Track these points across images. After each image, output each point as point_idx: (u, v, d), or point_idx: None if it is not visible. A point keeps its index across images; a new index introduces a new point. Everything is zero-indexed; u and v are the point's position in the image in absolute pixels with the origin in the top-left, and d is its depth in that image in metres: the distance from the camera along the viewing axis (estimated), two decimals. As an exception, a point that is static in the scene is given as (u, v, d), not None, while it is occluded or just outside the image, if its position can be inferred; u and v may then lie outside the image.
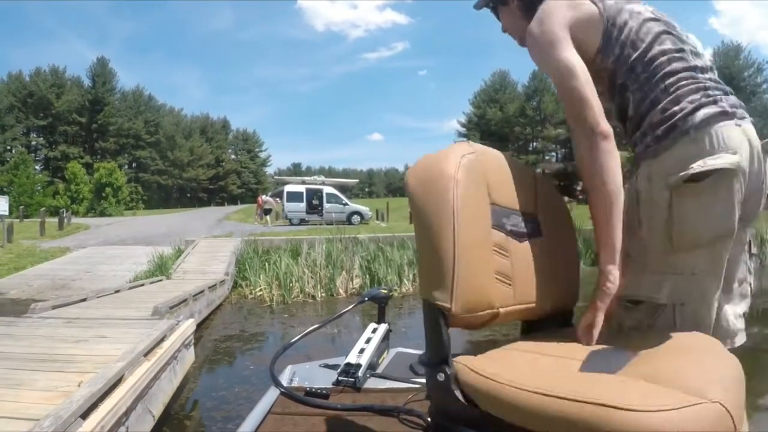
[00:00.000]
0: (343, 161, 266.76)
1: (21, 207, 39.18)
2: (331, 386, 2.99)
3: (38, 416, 2.94)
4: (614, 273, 1.51)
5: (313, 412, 2.71)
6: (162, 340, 5.03)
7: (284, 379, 3.25)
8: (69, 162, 66.52)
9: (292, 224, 32.13)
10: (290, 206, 34.23)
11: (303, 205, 34.23)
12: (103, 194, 55.07)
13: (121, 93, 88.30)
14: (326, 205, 33.92)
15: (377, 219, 35.58)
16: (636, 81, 1.69)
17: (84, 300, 8.24)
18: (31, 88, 78.14)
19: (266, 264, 13.54)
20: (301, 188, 35.31)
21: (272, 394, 2.92)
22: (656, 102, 1.64)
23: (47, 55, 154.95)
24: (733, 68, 71.04)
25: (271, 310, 11.54)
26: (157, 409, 4.44)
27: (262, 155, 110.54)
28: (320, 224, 26.05)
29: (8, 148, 75.55)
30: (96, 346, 4.85)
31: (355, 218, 33.36)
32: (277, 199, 37.94)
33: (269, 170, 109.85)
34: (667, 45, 1.68)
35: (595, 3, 1.72)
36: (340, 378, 2.77)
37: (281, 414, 2.73)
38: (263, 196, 38.45)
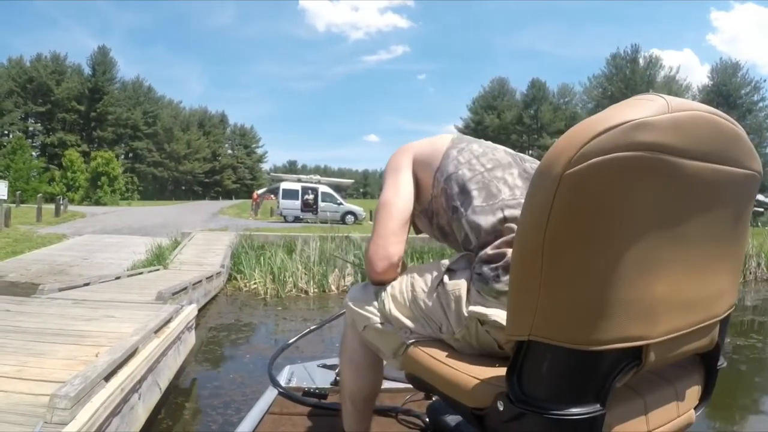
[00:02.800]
0: (339, 161, 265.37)
1: (18, 192, 39.23)
2: (329, 386, 3.11)
3: (64, 379, 3.23)
4: None
5: (311, 412, 2.81)
6: (168, 321, 5.37)
7: (282, 380, 3.42)
8: (66, 149, 66.38)
9: (286, 221, 32.21)
10: (285, 203, 34.31)
11: (298, 203, 34.29)
12: (99, 183, 54.89)
13: (121, 83, 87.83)
14: (321, 204, 34.02)
15: (371, 219, 35.59)
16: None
17: (87, 284, 8.54)
18: (32, 74, 77.68)
19: (261, 258, 13.82)
20: (297, 186, 35.36)
21: (270, 394, 3.04)
22: None
23: (49, 43, 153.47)
24: (730, 86, 71.44)
25: (264, 303, 11.86)
26: (164, 383, 4.79)
27: (259, 151, 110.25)
28: (314, 222, 26.22)
29: (6, 132, 75.17)
30: (107, 324, 5.18)
31: (349, 218, 33.40)
32: (272, 195, 38.08)
33: (265, 167, 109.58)
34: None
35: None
36: (338, 378, 2.73)
37: (279, 414, 2.82)
38: (258, 191, 38.67)
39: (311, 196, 34.89)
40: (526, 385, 1.10)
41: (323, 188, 35.79)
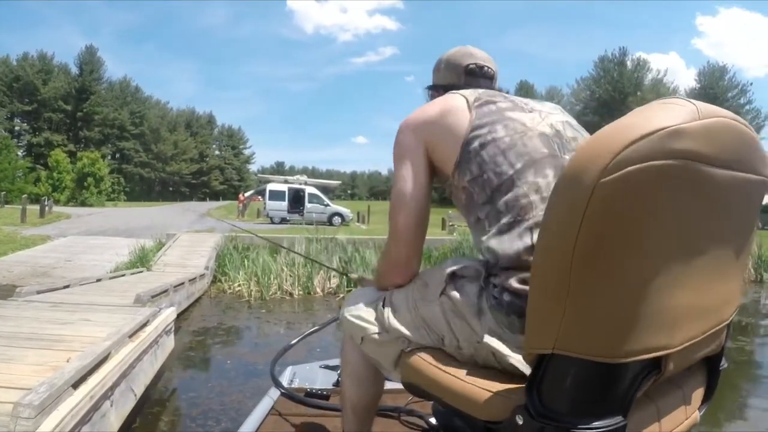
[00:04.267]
0: (326, 162, 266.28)
1: (2, 193, 38.91)
2: (331, 387, 3.13)
3: (31, 386, 3.13)
4: None
5: (313, 413, 2.82)
6: (145, 324, 5.26)
7: (285, 380, 3.36)
8: (52, 149, 66.03)
9: (273, 223, 32.21)
10: (272, 205, 34.33)
11: (285, 204, 34.25)
12: (85, 184, 54.60)
13: (108, 83, 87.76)
14: (308, 205, 33.96)
15: (358, 221, 35.68)
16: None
17: (67, 287, 8.39)
18: (18, 73, 77.40)
19: (245, 260, 13.69)
20: (284, 187, 35.32)
21: (273, 394, 3.04)
22: None
23: (38, 41, 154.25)
24: (717, 89, 71.60)
25: (248, 306, 11.69)
26: (139, 389, 4.67)
27: (247, 152, 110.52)
28: (301, 224, 26.19)
29: (-9, 132, 74.85)
30: (82, 328, 5.05)
31: (336, 219, 33.44)
32: (259, 197, 38.00)
33: (253, 168, 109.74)
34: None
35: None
36: (340, 380, 2.63)
37: (282, 415, 2.82)
38: (244, 194, 38.56)
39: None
40: (546, 399, 1.08)
41: (310, 189, 35.76)
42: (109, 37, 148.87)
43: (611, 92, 72.57)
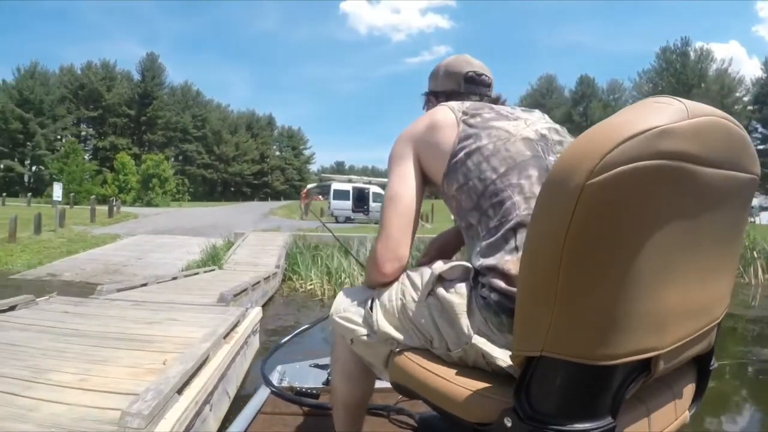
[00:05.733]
0: (386, 161, 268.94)
1: (71, 194, 39.91)
2: (321, 386, 3.11)
3: (132, 390, 2.98)
4: None
5: (303, 412, 2.82)
6: (236, 324, 5.08)
7: (275, 379, 3.36)
8: (117, 152, 67.76)
9: (337, 221, 32.45)
10: (336, 204, 34.57)
11: (349, 203, 34.50)
12: (150, 185, 55.94)
13: (170, 88, 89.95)
14: (372, 204, 34.02)
15: (422, 220, 35.50)
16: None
17: (145, 285, 8.38)
18: (83, 81, 79.92)
19: (317, 259, 13.56)
20: (348, 186, 35.57)
21: (263, 393, 3.02)
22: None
23: (98, 52, 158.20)
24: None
25: (322, 304, 11.49)
26: (232, 391, 4.49)
27: (307, 152, 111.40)
28: (367, 223, 26.09)
29: (59, 137, 77.27)
30: (170, 327, 4.90)
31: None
32: (320, 196, 38.22)
33: (313, 168, 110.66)
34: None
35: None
36: (330, 378, 2.67)
37: (271, 413, 2.81)
38: (308, 186, 38.86)
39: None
40: (535, 401, 1.06)
41: (374, 188, 35.78)
42: (167, 46, 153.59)
43: (675, 85, 70.86)
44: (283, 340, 3.28)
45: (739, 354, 7.80)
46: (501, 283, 1.31)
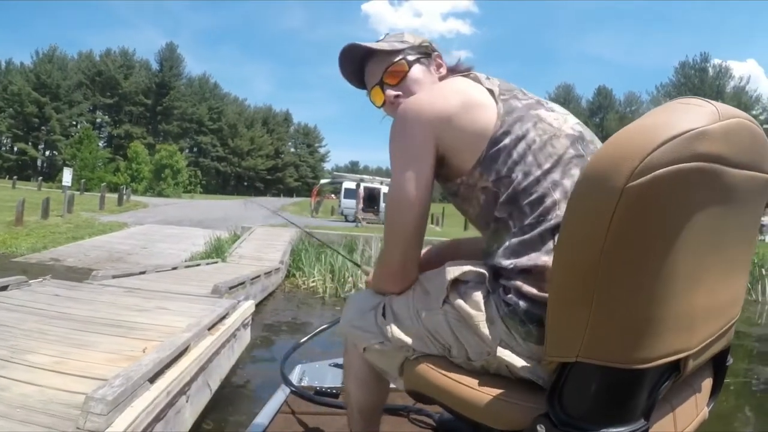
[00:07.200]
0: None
1: (82, 180, 40.08)
2: (340, 385, 3.06)
3: (104, 376, 2.90)
4: None
5: (322, 411, 2.81)
6: (225, 316, 4.99)
7: (294, 378, 3.39)
8: (131, 141, 68.18)
9: (347, 220, 32.43)
10: (346, 203, 34.56)
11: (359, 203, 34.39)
12: (163, 175, 56.20)
13: (188, 79, 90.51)
14: (382, 204, 33.86)
15: (432, 223, 35.41)
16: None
17: (143, 273, 8.30)
18: (101, 68, 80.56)
19: (322, 256, 13.51)
20: (359, 185, 35.46)
21: (282, 393, 3.04)
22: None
23: (119, 40, 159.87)
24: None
25: (323, 302, 11.49)
26: (215, 384, 4.40)
27: (321, 150, 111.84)
28: (375, 223, 26.02)
29: (74, 123, 78.01)
30: (158, 316, 4.83)
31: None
32: (332, 195, 38.20)
33: (327, 166, 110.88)
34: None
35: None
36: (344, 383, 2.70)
37: (291, 413, 2.82)
38: (321, 181, 38.86)
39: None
40: (568, 407, 1.06)
41: (385, 189, 35.61)
42: (189, 38, 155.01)
43: (693, 100, 70.63)
44: (302, 340, 3.25)
45: (743, 372, 7.68)
46: (532, 290, 1.25)
